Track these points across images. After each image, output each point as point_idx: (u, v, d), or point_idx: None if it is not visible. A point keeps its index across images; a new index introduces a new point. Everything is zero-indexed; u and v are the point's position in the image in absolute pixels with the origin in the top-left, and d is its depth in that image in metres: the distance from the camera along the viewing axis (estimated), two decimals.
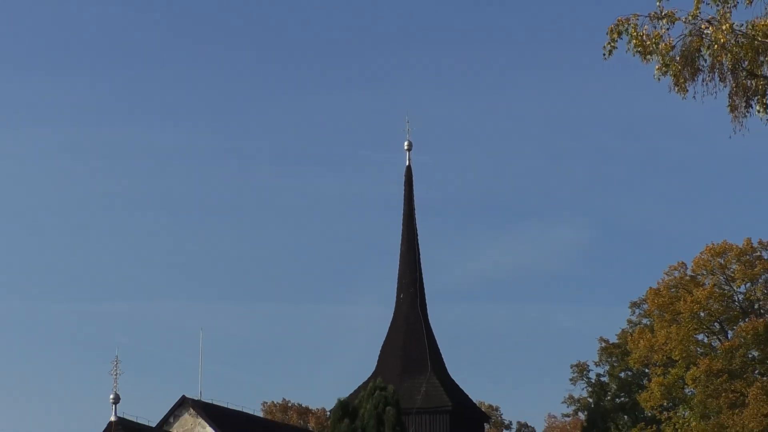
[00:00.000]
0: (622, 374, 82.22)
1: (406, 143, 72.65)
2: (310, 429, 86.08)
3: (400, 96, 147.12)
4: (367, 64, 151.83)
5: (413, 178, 72.36)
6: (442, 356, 70.30)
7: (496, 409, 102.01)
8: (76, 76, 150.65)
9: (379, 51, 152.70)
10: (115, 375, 54.72)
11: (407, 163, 72.58)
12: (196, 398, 59.12)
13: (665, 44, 20.21)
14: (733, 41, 20.01)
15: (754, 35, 19.94)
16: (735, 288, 70.27)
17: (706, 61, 20.30)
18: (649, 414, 73.97)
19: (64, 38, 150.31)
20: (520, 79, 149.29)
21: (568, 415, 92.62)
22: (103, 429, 54.53)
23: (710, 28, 20.10)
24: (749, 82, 20.44)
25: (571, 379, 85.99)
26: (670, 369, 68.91)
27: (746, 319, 67.29)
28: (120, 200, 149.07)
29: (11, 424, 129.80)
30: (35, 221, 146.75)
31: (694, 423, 65.88)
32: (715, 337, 70.06)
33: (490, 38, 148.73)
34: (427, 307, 70.87)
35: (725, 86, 20.49)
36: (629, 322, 79.18)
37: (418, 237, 71.77)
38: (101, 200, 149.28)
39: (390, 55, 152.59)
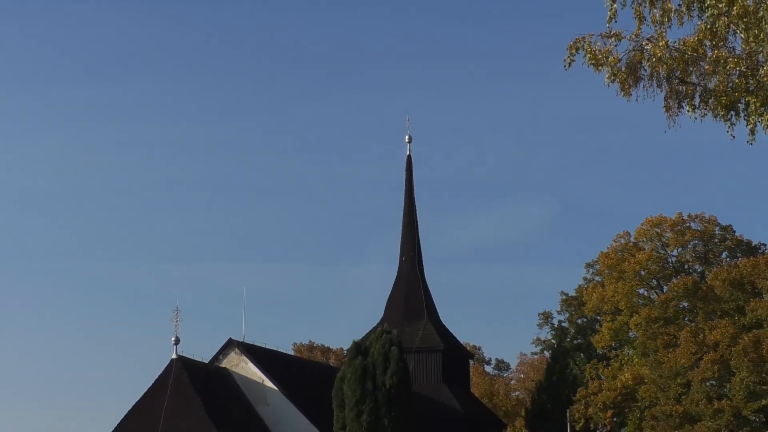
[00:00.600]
0: (579, 321, 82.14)
1: (407, 137, 72.59)
2: (331, 364, 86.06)
3: (403, 98, 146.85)
4: (376, 72, 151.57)
5: (413, 165, 72.33)
6: (436, 306, 70.36)
7: (479, 349, 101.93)
8: (147, 85, 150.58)
9: (386, 63, 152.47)
10: (176, 321, 54.77)
11: (408, 153, 72.53)
12: (240, 340, 59.17)
13: (613, 58, 20.10)
14: (668, 55, 19.92)
15: (684, 50, 19.85)
16: (669, 252, 70.24)
17: (646, 71, 20.18)
18: (601, 352, 74.02)
19: (136, 52, 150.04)
20: (500, 84, 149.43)
21: (536, 353, 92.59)
22: (165, 365, 54.66)
23: (650, 45, 20.00)
24: (681, 87, 20.35)
25: (538, 325, 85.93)
26: (617, 317, 68.94)
27: (678, 277, 67.26)
28: (180, 183, 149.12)
29: (90, 359, 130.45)
30: (114, 202, 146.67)
31: (636, 359, 65.97)
32: (653, 291, 70.07)
33: (477, 52, 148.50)
34: (424, 267, 70.88)
35: (661, 91, 20.38)
36: (585, 279, 79.07)
37: (417, 211, 71.79)
38: (166, 184, 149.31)
39: (395, 66, 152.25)
